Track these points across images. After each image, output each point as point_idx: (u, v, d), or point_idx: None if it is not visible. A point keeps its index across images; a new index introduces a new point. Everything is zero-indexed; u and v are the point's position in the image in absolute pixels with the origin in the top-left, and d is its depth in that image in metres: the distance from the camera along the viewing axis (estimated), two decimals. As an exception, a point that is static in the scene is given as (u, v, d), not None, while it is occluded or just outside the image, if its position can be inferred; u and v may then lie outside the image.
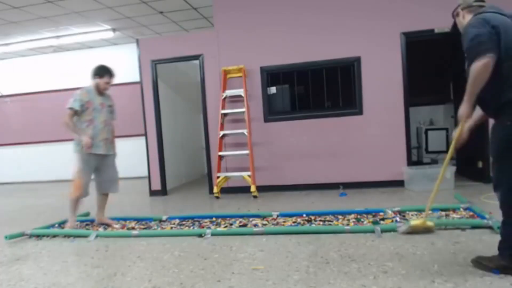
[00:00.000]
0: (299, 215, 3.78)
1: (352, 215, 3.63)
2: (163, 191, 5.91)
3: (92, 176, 3.88)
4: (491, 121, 2.33)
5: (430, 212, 3.18)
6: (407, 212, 3.63)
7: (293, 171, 5.39)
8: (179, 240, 3.25)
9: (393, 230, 3.07)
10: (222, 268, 2.56)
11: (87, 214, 4.61)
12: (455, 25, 2.78)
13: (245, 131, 5.20)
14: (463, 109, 2.30)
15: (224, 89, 5.42)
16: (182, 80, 7.15)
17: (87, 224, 4.10)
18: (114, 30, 7.42)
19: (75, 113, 3.72)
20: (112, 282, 2.46)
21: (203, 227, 3.60)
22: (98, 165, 3.84)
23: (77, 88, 7.95)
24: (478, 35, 2.10)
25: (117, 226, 3.93)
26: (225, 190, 5.43)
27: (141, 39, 6.00)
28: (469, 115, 2.35)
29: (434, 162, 6.38)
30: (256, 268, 2.52)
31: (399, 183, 5.01)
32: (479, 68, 2.07)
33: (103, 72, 3.83)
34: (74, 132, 3.68)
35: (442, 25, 4.93)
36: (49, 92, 8.82)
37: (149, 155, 5.93)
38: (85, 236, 3.53)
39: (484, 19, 2.17)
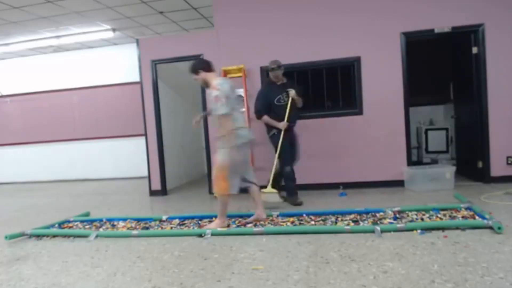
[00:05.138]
0: (299, 215, 3.78)
1: (352, 215, 3.63)
2: (163, 191, 5.91)
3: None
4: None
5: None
6: (407, 212, 3.63)
7: (293, 171, 5.38)
8: (179, 240, 3.25)
9: (393, 230, 3.07)
10: (222, 268, 2.56)
11: (87, 214, 4.61)
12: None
13: (245, 131, 5.19)
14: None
15: (224, 89, 5.40)
16: (182, 80, 7.14)
17: (87, 224, 4.09)
18: (114, 30, 7.42)
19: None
20: (112, 282, 2.46)
21: (203, 227, 3.59)
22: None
23: (77, 88, 8.07)
24: None
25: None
26: (225, 190, 5.41)
27: (141, 39, 6.00)
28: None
29: (434, 162, 6.39)
30: (256, 268, 2.52)
31: (399, 183, 5.01)
32: None
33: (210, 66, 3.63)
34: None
35: (442, 25, 4.94)
36: (49, 92, 8.83)
37: (149, 155, 5.93)
38: (85, 236, 3.53)
39: None
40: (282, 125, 4.41)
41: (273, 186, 4.46)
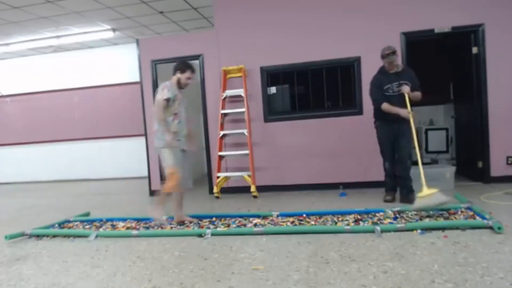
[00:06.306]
0: (299, 215, 3.78)
1: (352, 215, 3.63)
2: (163, 191, 5.91)
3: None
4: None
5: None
6: (407, 212, 3.63)
7: (293, 171, 5.39)
8: (179, 240, 3.25)
9: (393, 230, 3.07)
10: (222, 268, 2.56)
11: (87, 214, 4.61)
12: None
13: (245, 131, 5.20)
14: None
15: (224, 89, 5.42)
16: (182, 80, 7.14)
17: (87, 224, 4.09)
18: (114, 30, 7.42)
19: (167, 104, 3.59)
20: (112, 282, 2.46)
21: (203, 227, 3.60)
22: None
23: (77, 88, 8.04)
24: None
25: (194, 222, 3.81)
26: (225, 190, 5.42)
27: (141, 39, 6.00)
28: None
29: (434, 162, 6.38)
30: (256, 268, 2.52)
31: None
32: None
33: (185, 67, 3.74)
34: (163, 126, 3.57)
35: (442, 25, 4.94)
36: (49, 92, 8.82)
37: (149, 155, 5.93)
38: (85, 236, 3.53)
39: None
40: (403, 112, 3.98)
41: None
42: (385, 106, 4.11)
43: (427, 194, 3.52)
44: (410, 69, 4.30)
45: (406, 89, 4.04)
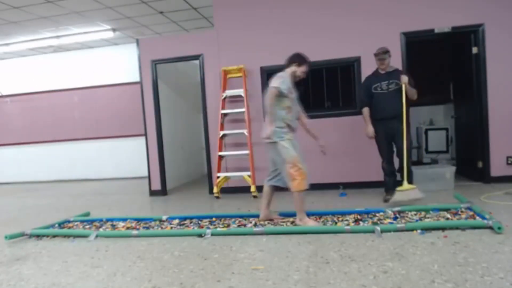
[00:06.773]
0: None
1: (352, 215, 3.63)
2: (163, 191, 5.91)
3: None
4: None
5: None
6: (407, 212, 3.63)
7: (293, 171, 5.38)
8: (179, 240, 3.25)
9: (393, 230, 3.07)
10: (222, 268, 2.56)
11: (87, 214, 4.61)
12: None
13: (245, 131, 5.20)
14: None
15: (224, 89, 5.42)
16: (182, 80, 7.15)
17: (87, 224, 4.09)
18: (114, 30, 7.42)
19: (279, 94, 3.41)
20: (112, 282, 2.46)
21: (203, 227, 3.60)
22: None
23: (77, 88, 7.99)
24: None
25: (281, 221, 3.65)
26: (225, 190, 5.42)
27: (141, 39, 6.00)
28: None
29: (434, 162, 6.39)
30: (256, 268, 2.52)
31: (399, 183, 5.00)
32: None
33: (302, 61, 3.59)
34: (271, 115, 3.42)
35: (442, 25, 4.94)
36: (49, 92, 8.83)
37: (149, 155, 5.93)
38: (85, 236, 3.53)
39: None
40: (366, 131, 4.26)
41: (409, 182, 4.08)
42: (364, 111, 4.32)
43: (405, 188, 3.91)
44: (403, 70, 4.34)
45: (404, 79, 4.08)
